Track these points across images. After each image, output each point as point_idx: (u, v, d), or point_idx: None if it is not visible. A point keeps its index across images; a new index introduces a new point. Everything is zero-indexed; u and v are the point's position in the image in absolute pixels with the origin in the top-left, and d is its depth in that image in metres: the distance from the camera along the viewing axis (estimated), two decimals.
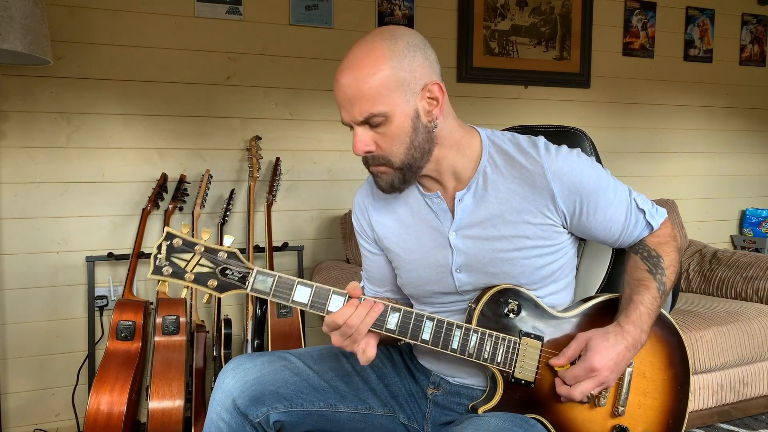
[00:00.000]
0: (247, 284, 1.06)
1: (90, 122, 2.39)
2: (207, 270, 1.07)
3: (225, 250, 1.08)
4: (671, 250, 1.19)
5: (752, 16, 3.61)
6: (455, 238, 1.17)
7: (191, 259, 1.07)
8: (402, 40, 1.06)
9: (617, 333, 1.09)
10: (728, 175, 3.63)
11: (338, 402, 1.23)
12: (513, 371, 1.12)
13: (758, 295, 2.61)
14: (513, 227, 1.13)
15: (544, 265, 1.16)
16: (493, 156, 1.15)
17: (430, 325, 1.10)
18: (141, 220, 2.37)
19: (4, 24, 1.79)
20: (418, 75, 1.06)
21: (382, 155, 1.09)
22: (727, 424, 2.32)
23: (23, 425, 2.36)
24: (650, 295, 1.13)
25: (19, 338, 2.34)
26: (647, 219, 1.20)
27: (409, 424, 1.27)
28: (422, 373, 1.31)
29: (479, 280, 1.17)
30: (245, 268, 1.07)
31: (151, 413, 1.98)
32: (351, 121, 1.07)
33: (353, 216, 1.33)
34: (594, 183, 1.13)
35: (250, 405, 1.16)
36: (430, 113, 1.09)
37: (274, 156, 2.61)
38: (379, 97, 1.03)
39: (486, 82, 3.00)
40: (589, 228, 1.17)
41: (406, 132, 1.06)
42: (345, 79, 1.05)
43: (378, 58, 1.04)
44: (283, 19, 2.63)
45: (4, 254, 2.31)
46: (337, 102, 1.08)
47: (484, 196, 1.15)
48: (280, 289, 1.07)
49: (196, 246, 1.07)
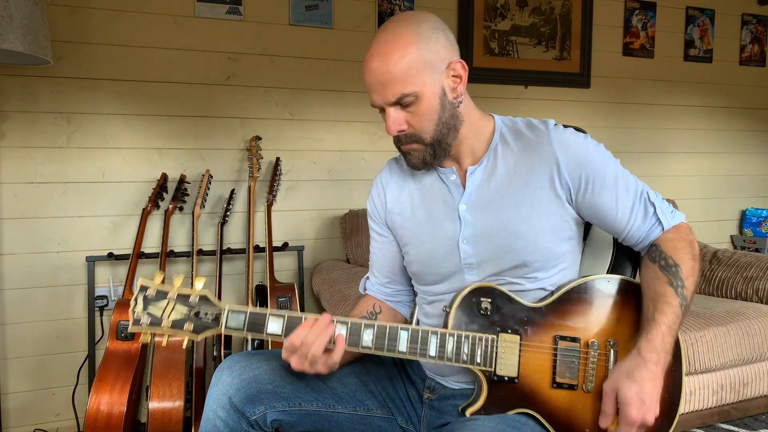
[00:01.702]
0: (221, 324, 1.10)
1: (90, 122, 2.39)
2: (182, 315, 1.10)
3: (196, 293, 1.12)
4: (688, 257, 1.14)
5: (752, 16, 3.61)
6: (464, 210, 1.20)
7: (166, 306, 1.11)
8: (426, 23, 1.13)
9: (640, 367, 1.05)
10: (728, 175, 3.63)
11: (336, 403, 1.23)
12: (495, 369, 1.13)
13: (758, 295, 2.61)
14: (520, 198, 1.17)
15: (549, 243, 1.16)
16: (505, 134, 1.22)
17: (405, 336, 1.12)
18: (141, 220, 2.38)
19: (4, 24, 1.79)
20: (443, 55, 1.13)
21: (414, 133, 1.15)
22: (727, 424, 2.32)
23: (23, 425, 2.36)
24: (672, 312, 1.09)
25: (19, 338, 2.34)
26: (657, 215, 1.17)
27: (407, 427, 1.28)
28: (418, 377, 1.31)
29: (483, 252, 1.19)
30: (216, 308, 1.11)
31: (151, 413, 1.98)
32: (383, 103, 1.13)
33: (369, 198, 1.38)
34: (600, 161, 1.16)
35: (247, 403, 1.16)
36: (455, 90, 1.16)
37: (274, 156, 2.61)
38: (409, 77, 1.09)
39: (486, 82, 3.00)
40: (594, 208, 1.17)
41: (435, 109, 1.13)
42: (375, 63, 1.10)
43: (405, 41, 1.09)
44: (283, 19, 2.63)
45: (4, 254, 2.31)
46: (368, 86, 1.13)
47: (494, 170, 1.20)
48: (252, 323, 1.10)
49: (169, 294, 1.11)
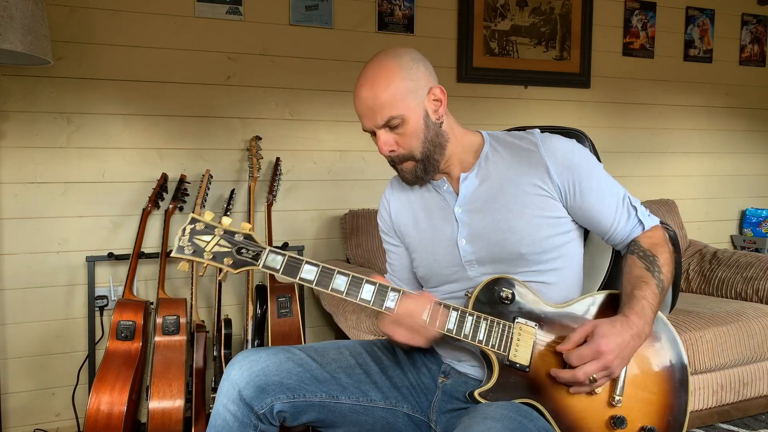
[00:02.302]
0: (260, 261, 1.19)
1: (90, 122, 2.39)
2: (224, 250, 1.19)
3: (242, 232, 1.21)
4: (665, 251, 1.25)
5: (752, 16, 3.61)
6: (460, 212, 1.30)
7: (211, 240, 1.20)
8: (406, 56, 1.26)
9: (623, 322, 1.14)
10: (728, 175, 3.63)
11: (340, 393, 1.26)
12: (508, 354, 1.17)
13: (758, 295, 2.61)
14: (512, 197, 1.26)
15: (545, 236, 1.24)
16: (493, 144, 1.33)
17: (428, 309, 1.19)
18: (141, 220, 2.38)
19: (4, 24, 1.79)
20: (423, 82, 1.25)
21: (404, 152, 1.27)
22: (727, 424, 2.32)
23: (23, 425, 2.36)
24: (651, 290, 1.18)
25: (19, 338, 2.34)
26: (639, 216, 1.28)
27: (413, 414, 1.31)
28: (434, 363, 1.36)
29: (482, 250, 1.27)
30: (259, 247, 1.20)
31: (151, 413, 1.98)
32: (374, 127, 1.25)
33: (378, 215, 1.50)
34: (585, 165, 1.26)
35: (256, 396, 1.19)
36: (437, 112, 1.27)
37: (274, 156, 2.61)
38: (395, 103, 1.22)
39: (486, 82, 3.00)
40: (583, 209, 1.26)
41: (420, 129, 1.25)
42: (365, 93, 1.23)
43: (390, 72, 1.23)
44: (283, 19, 2.63)
45: (4, 254, 2.31)
46: (359, 113, 1.26)
47: (486, 174, 1.30)
48: (289, 266, 1.19)
49: (216, 229, 1.20)
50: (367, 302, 1.19)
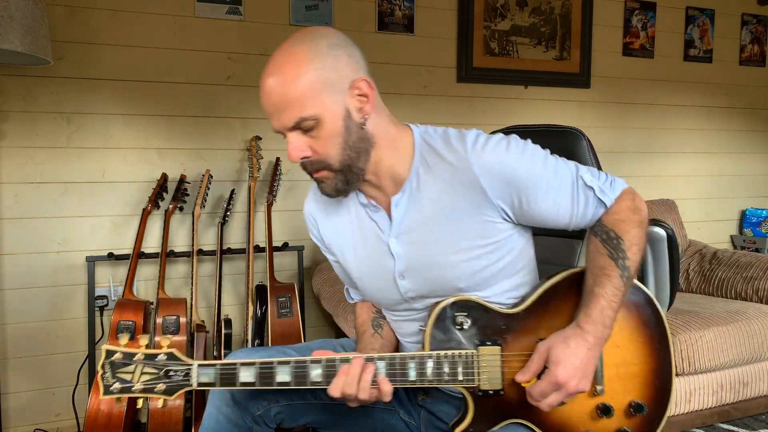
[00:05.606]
0: (192, 380, 1.06)
1: (90, 122, 2.39)
2: (152, 377, 1.06)
3: (163, 352, 1.07)
4: (632, 227, 1.10)
5: (752, 16, 3.61)
6: (395, 245, 1.14)
7: (135, 370, 1.06)
8: (323, 40, 1.04)
9: (577, 336, 1.04)
10: (728, 175, 3.63)
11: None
12: (479, 384, 1.09)
13: (758, 295, 2.61)
14: (447, 228, 1.10)
15: (485, 266, 1.11)
16: (425, 155, 1.11)
17: (382, 365, 1.07)
18: (141, 220, 2.38)
19: (4, 24, 1.79)
20: (344, 73, 1.03)
21: (319, 159, 1.06)
22: (727, 424, 2.32)
23: (23, 425, 2.36)
24: (612, 285, 1.06)
25: (19, 338, 2.34)
26: (598, 196, 1.12)
27: (409, 420, 1.28)
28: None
29: (421, 286, 1.15)
30: (186, 365, 1.06)
31: (151, 413, 1.98)
32: (282, 128, 1.04)
33: (308, 229, 1.33)
34: (527, 172, 1.08)
35: (250, 398, 1.16)
36: (362, 110, 1.06)
37: (274, 156, 2.61)
38: (307, 100, 1.00)
39: (486, 82, 3.00)
40: (534, 217, 1.12)
41: (339, 132, 1.03)
42: (269, 85, 1.02)
43: (300, 60, 1.01)
44: (283, 19, 2.63)
45: (4, 254, 2.31)
46: (265, 110, 1.05)
47: (417, 198, 1.12)
48: (225, 376, 1.06)
49: (135, 356, 1.07)
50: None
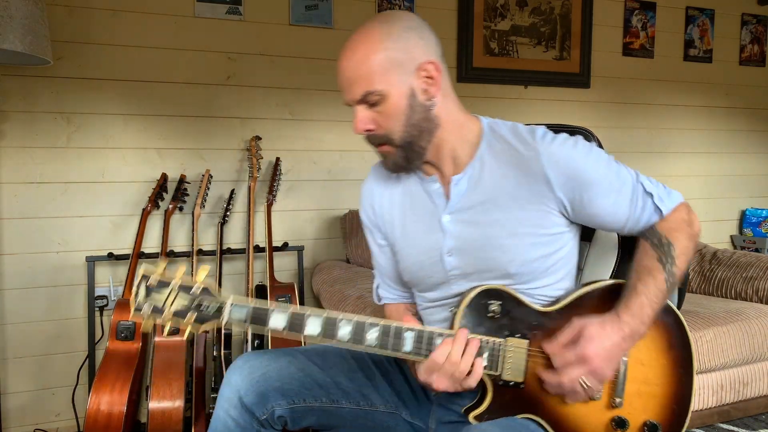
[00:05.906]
0: (222, 316, 1.08)
1: (90, 122, 2.39)
2: (184, 306, 1.08)
3: (199, 284, 1.09)
4: (684, 237, 1.13)
5: (752, 16, 3.61)
6: (448, 222, 1.18)
7: (168, 295, 1.08)
8: (399, 23, 1.12)
9: (614, 322, 1.06)
10: (728, 175, 3.63)
11: (341, 398, 1.24)
12: (501, 373, 1.10)
13: (758, 295, 2.61)
14: (506, 212, 1.13)
15: (536, 257, 1.13)
16: (491, 142, 1.18)
17: (411, 336, 1.08)
18: (141, 220, 2.37)
19: (4, 24, 1.79)
20: (413, 55, 1.10)
21: (382, 134, 1.13)
22: (727, 424, 2.31)
23: (23, 425, 2.36)
24: (656, 286, 1.08)
25: (19, 338, 2.34)
26: (656, 203, 1.14)
27: (413, 421, 1.28)
28: None
29: (468, 265, 1.17)
30: (219, 301, 1.08)
31: (151, 413, 1.98)
32: (351, 101, 1.12)
33: (360, 209, 1.35)
34: (592, 170, 1.12)
35: (257, 402, 1.17)
36: (427, 92, 1.12)
37: (274, 156, 2.61)
38: (375, 76, 1.08)
39: (486, 82, 3.00)
40: (592, 216, 1.14)
41: (402, 110, 1.10)
42: (344, 62, 1.10)
43: (374, 40, 1.09)
44: (283, 19, 2.63)
45: (4, 254, 2.31)
46: (339, 84, 1.13)
47: (479, 180, 1.16)
48: (256, 317, 1.08)
49: (171, 283, 1.08)
50: (372, 346, 1.08)
